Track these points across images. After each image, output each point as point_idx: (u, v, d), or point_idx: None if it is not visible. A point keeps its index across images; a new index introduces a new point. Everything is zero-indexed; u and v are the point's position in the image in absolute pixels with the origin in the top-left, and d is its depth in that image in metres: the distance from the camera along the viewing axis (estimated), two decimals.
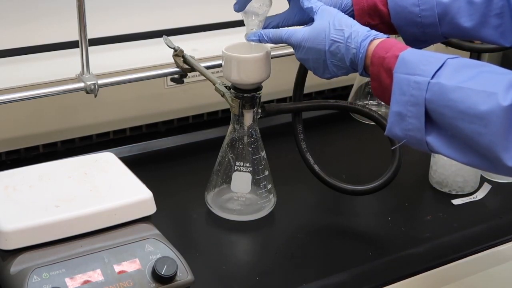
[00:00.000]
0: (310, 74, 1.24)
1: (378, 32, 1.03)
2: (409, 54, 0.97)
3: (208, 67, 1.29)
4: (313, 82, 1.45)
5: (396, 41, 1.01)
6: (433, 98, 0.93)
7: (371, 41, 1.02)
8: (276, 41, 1.12)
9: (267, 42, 1.13)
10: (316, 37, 1.06)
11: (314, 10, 1.08)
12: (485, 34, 1.10)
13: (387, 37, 1.02)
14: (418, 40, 1.13)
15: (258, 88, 1.16)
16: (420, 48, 1.10)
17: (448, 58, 0.94)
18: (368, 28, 1.04)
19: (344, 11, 1.13)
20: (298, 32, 1.08)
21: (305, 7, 1.10)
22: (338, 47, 1.04)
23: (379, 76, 1.00)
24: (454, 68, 0.93)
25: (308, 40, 1.06)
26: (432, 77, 0.93)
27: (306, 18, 1.14)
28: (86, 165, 1.09)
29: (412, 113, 0.95)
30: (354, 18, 1.11)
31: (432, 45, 1.17)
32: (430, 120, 0.94)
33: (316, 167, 1.22)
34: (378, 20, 1.13)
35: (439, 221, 1.24)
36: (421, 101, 0.93)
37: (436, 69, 0.93)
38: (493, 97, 0.87)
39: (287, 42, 1.10)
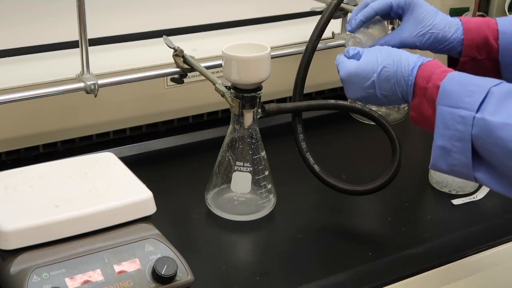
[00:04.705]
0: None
1: (425, 58, 1.00)
2: (450, 83, 0.94)
3: (208, 67, 1.29)
4: (313, 82, 1.46)
5: (434, 65, 0.98)
6: (480, 135, 0.90)
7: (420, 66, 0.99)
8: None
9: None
10: (364, 69, 1.05)
11: (360, 53, 1.07)
12: None
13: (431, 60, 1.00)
14: None
15: (258, 88, 1.16)
16: None
17: (492, 86, 0.90)
18: (418, 55, 1.01)
19: (453, 39, 1.11)
20: (346, 63, 1.07)
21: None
22: (388, 77, 1.02)
23: (420, 107, 0.98)
24: (498, 99, 0.89)
25: (352, 72, 1.06)
26: (477, 111, 0.90)
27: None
28: (86, 165, 1.09)
29: (458, 148, 0.92)
30: (460, 50, 1.09)
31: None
32: (478, 155, 0.91)
33: (316, 167, 1.22)
34: (485, 55, 1.10)
35: (439, 221, 1.24)
36: (468, 137, 0.91)
37: (480, 101, 0.90)
38: None
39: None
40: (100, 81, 1.25)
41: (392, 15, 1.17)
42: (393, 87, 1.03)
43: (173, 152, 1.46)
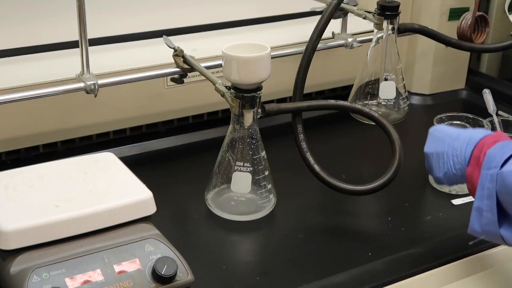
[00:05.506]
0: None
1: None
2: (494, 148, 0.97)
3: (208, 67, 1.29)
4: (313, 82, 1.46)
5: (492, 137, 1.01)
6: (500, 188, 0.93)
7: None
8: None
9: None
10: (447, 130, 1.11)
11: None
12: None
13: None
14: None
15: (258, 88, 1.16)
16: None
17: None
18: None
19: None
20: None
21: None
22: (463, 137, 1.05)
23: (472, 176, 1.00)
24: None
25: (440, 129, 1.12)
26: (501, 167, 0.93)
27: None
28: (86, 165, 1.09)
29: (488, 206, 0.95)
30: None
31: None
32: (503, 212, 0.94)
33: (316, 167, 1.22)
34: None
35: (439, 221, 1.24)
36: (494, 193, 0.94)
37: (506, 158, 0.93)
38: None
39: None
40: (100, 81, 1.25)
41: None
42: (462, 147, 1.05)
43: (173, 152, 1.46)
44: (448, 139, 1.07)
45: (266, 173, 1.22)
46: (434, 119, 1.30)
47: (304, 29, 1.45)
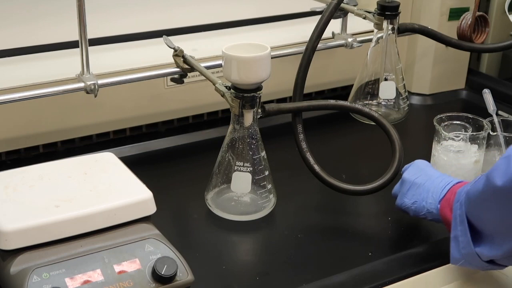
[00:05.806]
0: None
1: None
2: (463, 187, 1.03)
3: (208, 67, 1.29)
4: (313, 82, 1.46)
5: (463, 182, 1.08)
6: (467, 208, 0.99)
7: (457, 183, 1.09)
8: None
9: None
10: (431, 169, 1.16)
11: None
12: None
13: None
14: None
15: (258, 88, 1.16)
16: None
17: (486, 174, 0.97)
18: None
19: None
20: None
21: None
22: (444, 178, 1.11)
23: (445, 216, 1.07)
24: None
25: (426, 164, 1.17)
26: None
27: None
28: (86, 165, 1.09)
29: (461, 231, 1.00)
30: None
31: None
32: (476, 233, 0.99)
33: (316, 167, 1.22)
34: None
35: None
36: (464, 217, 1.00)
37: (472, 184, 0.99)
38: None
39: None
40: (100, 81, 1.25)
41: None
42: (440, 186, 1.10)
43: (173, 152, 1.46)
44: (430, 175, 1.13)
45: (266, 173, 1.22)
46: (434, 119, 1.30)
47: (304, 29, 1.45)
